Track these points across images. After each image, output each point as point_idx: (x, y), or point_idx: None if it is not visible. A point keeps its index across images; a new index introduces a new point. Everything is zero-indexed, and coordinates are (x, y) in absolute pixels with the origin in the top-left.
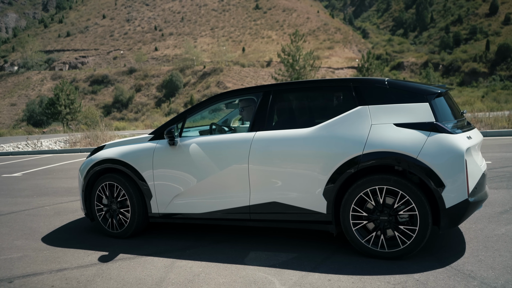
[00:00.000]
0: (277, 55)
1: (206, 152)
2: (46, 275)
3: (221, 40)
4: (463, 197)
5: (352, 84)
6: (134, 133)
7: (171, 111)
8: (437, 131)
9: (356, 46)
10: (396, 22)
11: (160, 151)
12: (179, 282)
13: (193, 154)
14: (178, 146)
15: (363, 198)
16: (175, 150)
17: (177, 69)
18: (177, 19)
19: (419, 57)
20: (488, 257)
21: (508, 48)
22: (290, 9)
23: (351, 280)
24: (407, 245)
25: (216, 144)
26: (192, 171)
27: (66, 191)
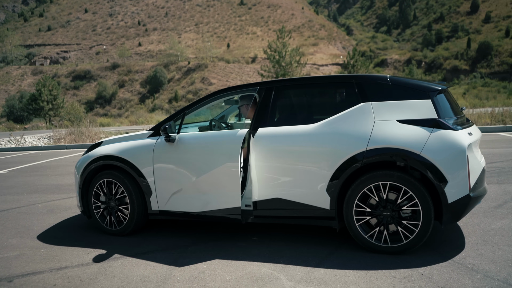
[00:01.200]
0: (263, 52)
1: (205, 148)
2: (47, 273)
3: (205, 36)
4: (465, 192)
5: (354, 81)
6: (119, 130)
7: (156, 107)
8: (440, 127)
9: (340, 43)
10: (379, 20)
11: (160, 148)
12: (184, 279)
13: (191, 151)
14: (176, 142)
15: (366, 193)
16: (173, 146)
17: (161, 65)
18: (161, 14)
19: (402, 54)
20: (488, 251)
21: (488, 46)
22: (275, 5)
23: (357, 275)
24: (410, 240)
25: (215, 140)
26: (191, 168)
27: (57, 188)
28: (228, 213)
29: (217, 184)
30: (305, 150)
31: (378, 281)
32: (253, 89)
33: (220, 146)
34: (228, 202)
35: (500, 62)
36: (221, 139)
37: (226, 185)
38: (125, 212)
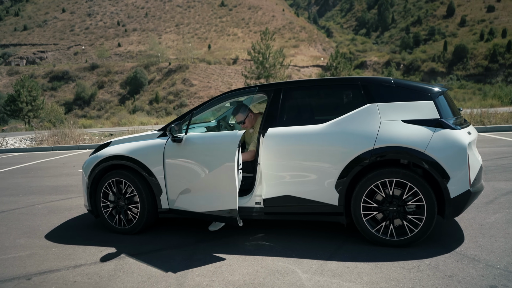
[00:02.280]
0: (247, 53)
1: (205, 148)
2: (64, 271)
3: (186, 36)
4: (466, 187)
5: (360, 83)
6: (103, 131)
7: (136, 108)
8: (442, 127)
9: (320, 45)
10: (359, 22)
11: (170, 147)
12: (203, 273)
13: (195, 151)
14: (183, 142)
15: (373, 190)
16: (181, 146)
17: (141, 66)
18: (141, 15)
19: (381, 56)
20: (486, 242)
21: (464, 49)
22: (255, 7)
23: (368, 267)
24: (414, 233)
25: (214, 141)
26: (195, 168)
27: (53, 189)
28: (226, 214)
29: (215, 185)
30: (315, 149)
31: (389, 271)
32: (262, 90)
33: (218, 146)
34: (226, 203)
35: (475, 64)
36: (218, 140)
37: (223, 186)
38: (134, 211)
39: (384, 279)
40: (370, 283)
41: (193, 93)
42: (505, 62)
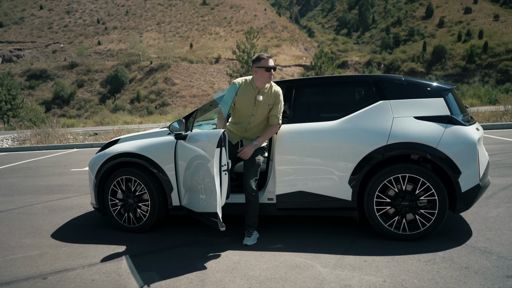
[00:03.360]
0: (232, 52)
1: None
2: (79, 270)
3: (168, 35)
4: (475, 182)
5: (372, 80)
6: (87, 131)
7: (117, 107)
8: (453, 123)
9: (302, 45)
10: (340, 22)
11: (181, 144)
12: (223, 270)
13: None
14: (187, 140)
15: (386, 185)
16: (187, 144)
17: (122, 64)
18: (121, 13)
19: (362, 56)
20: (494, 235)
21: (443, 49)
22: (237, 6)
23: (385, 260)
24: (426, 227)
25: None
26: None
27: (48, 189)
28: (211, 217)
29: (202, 186)
30: (328, 145)
31: (406, 264)
32: None
33: (202, 146)
34: (208, 206)
35: (453, 65)
36: (201, 138)
37: (207, 187)
38: (144, 209)
39: (403, 272)
40: (391, 275)
41: (175, 92)
42: (481, 62)
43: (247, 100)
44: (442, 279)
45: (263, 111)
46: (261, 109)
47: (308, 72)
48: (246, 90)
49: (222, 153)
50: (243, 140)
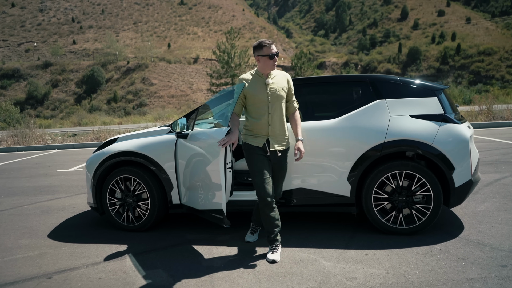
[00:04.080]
0: (212, 52)
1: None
2: (84, 269)
3: (145, 35)
4: (468, 177)
5: (369, 80)
6: (66, 131)
7: (93, 108)
8: (446, 121)
9: (281, 45)
10: (317, 23)
11: (181, 143)
12: (229, 266)
13: (193, 148)
14: (188, 138)
15: (383, 181)
16: (187, 142)
17: (98, 64)
18: (97, 11)
19: (339, 57)
20: (484, 228)
21: (417, 51)
22: (215, 6)
23: (385, 253)
24: (422, 222)
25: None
26: (193, 165)
27: (36, 190)
28: (216, 214)
29: (206, 183)
30: (327, 143)
31: (406, 256)
32: None
33: (207, 144)
34: (213, 203)
35: (427, 66)
36: (207, 136)
37: (212, 185)
38: (143, 208)
39: (404, 264)
40: (393, 267)
41: (153, 93)
42: (455, 64)
43: (259, 90)
44: (442, 269)
45: (278, 96)
46: (276, 95)
47: (287, 72)
48: (254, 81)
49: (227, 151)
50: (269, 138)
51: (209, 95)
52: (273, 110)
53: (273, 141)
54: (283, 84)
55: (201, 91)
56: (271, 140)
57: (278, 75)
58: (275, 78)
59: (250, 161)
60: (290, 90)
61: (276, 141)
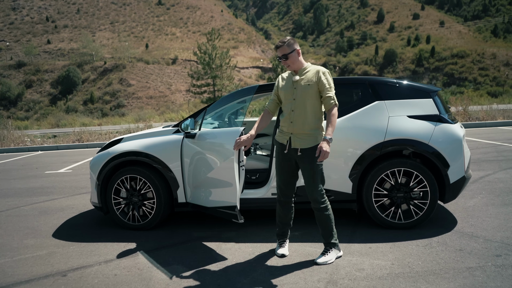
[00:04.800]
0: (193, 53)
1: (210, 145)
2: (97, 266)
3: (122, 35)
4: (461, 174)
5: (368, 82)
6: (45, 132)
7: (69, 109)
8: (442, 121)
9: (259, 47)
10: (296, 25)
11: (188, 143)
12: (240, 260)
13: (203, 147)
14: (196, 138)
15: (383, 178)
16: (195, 142)
17: (74, 64)
18: (72, 11)
19: (318, 59)
20: (476, 222)
21: (393, 53)
22: (194, 7)
23: (388, 246)
24: (419, 216)
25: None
26: (204, 164)
27: (29, 191)
28: (228, 210)
29: (219, 181)
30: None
31: (407, 249)
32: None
33: (221, 143)
34: (227, 199)
35: (403, 68)
36: (221, 136)
37: (225, 182)
38: (149, 207)
39: (407, 255)
40: (397, 259)
41: (131, 94)
42: (429, 66)
43: (287, 86)
44: (442, 260)
45: (303, 93)
46: (301, 91)
47: (266, 74)
48: (286, 79)
49: (240, 150)
50: (291, 135)
51: (188, 96)
52: (296, 107)
53: (293, 138)
54: (311, 80)
55: (180, 92)
56: (292, 138)
57: (310, 71)
58: (305, 74)
59: (275, 157)
60: (321, 85)
61: (297, 139)
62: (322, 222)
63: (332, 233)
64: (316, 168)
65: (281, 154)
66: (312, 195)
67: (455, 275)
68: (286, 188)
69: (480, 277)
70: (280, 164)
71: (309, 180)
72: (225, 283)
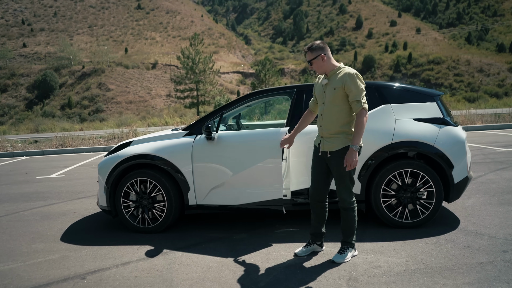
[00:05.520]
0: (176, 58)
1: (248, 145)
2: (115, 269)
3: (101, 39)
4: (465, 174)
5: (374, 87)
6: (26, 137)
7: (46, 113)
8: (446, 124)
9: (240, 52)
10: (276, 31)
11: (199, 145)
12: (258, 260)
13: (233, 148)
14: (215, 140)
15: (390, 179)
16: (214, 144)
17: (51, 68)
18: (49, 14)
19: (298, 64)
20: (478, 220)
21: (372, 59)
22: (173, 12)
23: (399, 244)
24: (426, 215)
25: (259, 137)
26: (229, 165)
27: (24, 196)
28: (269, 204)
29: (260, 178)
30: None
31: (417, 246)
32: (286, 91)
33: (264, 142)
34: (270, 193)
35: (381, 73)
36: (264, 136)
37: (268, 178)
38: (159, 210)
39: (418, 253)
40: (410, 256)
41: (110, 98)
42: (407, 72)
43: (319, 89)
44: (453, 256)
45: (331, 97)
46: (329, 95)
47: (247, 79)
48: (320, 81)
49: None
50: (322, 140)
51: (168, 101)
52: (325, 111)
53: (323, 142)
54: (338, 84)
55: (160, 97)
56: (322, 141)
57: (339, 75)
58: (333, 77)
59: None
60: (347, 89)
61: (326, 142)
62: (347, 221)
63: (353, 233)
64: (344, 171)
65: (315, 156)
66: (341, 195)
67: (469, 270)
68: (314, 191)
69: (492, 272)
70: (315, 166)
71: (338, 181)
72: (248, 282)
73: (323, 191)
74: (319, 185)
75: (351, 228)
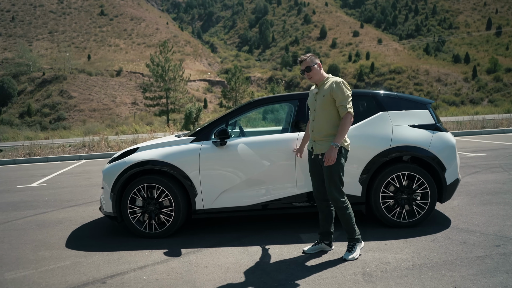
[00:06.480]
0: (146, 65)
1: (256, 150)
2: (133, 273)
3: (62, 45)
4: (456, 176)
5: (371, 95)
6: None
7: (3, 122)
8: (438, 130)
9: (206, 60)
10: (241, 39)
11: (207, 151)
12: (273, 260)
13: (244, 153)
14: (227, 146)
15: (388, 182)
16: (225, 149)
17: (9, 75)
18: (6, 18)
19: (264, 72)
20: (467, 219)
21: (336, 68)
22: (138, 18)
23: (401, 242)
24: (421, 215)
25: (264, 143)
26: (243, 168)
27: (10, 206)
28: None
29: (275, 178)
30: None
31: (418, 244)
32: (289, 99)
33: (280, 146)
34: (283, 193)
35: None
36: (280, 141)
37: (283, 178)
38: (166, 215)
39: (421, 249)
40: (414, 252)
41: (73, 106)
42: (370, 81)
43: (311, 98)
44: (454, 251)
45: (320, 104)
46: (319, 102)
47: (213, 87)
48: (312, 91)
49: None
50: (314, 143)
51: (133, 109)
52: (316, 117)
53: (315, 145)
54: (326, 91)
55: (126, 105)
56: (314, 144)
57: (327, 84)
58: (322, 87)
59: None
60: (334, 95)
61: (317, 145)
62: (344, 220)
63: (354, 229)
64: (333, 171)
65: (310, 160)
66: (332, 195)
67: (470, 263)
68: (317, 192)
69: (491, 264)
70: (311, 168)
71: (328, 181)
72: (270, 280)
73: (324, 190)
74: (319, 185)
75: (350, 225)
